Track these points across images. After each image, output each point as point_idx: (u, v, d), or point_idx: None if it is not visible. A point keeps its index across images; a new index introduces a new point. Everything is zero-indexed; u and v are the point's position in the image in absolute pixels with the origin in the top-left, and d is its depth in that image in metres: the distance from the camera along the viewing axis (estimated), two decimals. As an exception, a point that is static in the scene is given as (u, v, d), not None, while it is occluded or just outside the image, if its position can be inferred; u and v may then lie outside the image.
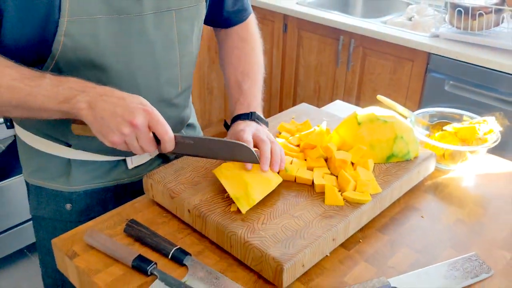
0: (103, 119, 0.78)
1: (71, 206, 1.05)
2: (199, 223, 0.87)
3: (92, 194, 1.05)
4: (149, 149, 0.83)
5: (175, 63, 0.99)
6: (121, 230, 0.90)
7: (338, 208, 0.88)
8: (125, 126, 0.78)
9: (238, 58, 1.12)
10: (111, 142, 0.80)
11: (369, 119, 1.01)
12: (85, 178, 1.04)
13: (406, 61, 2.11)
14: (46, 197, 1.06)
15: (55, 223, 1.07)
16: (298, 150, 1.03)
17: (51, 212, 1.06)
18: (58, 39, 0.84)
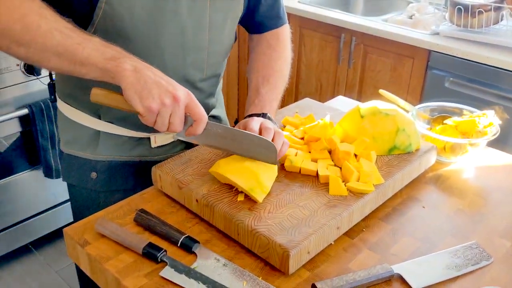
0: (146, 83, 0.80)
1: (96, 174, 1.11)
2: (207, 212, 0.90)
3: (116, 166, 1.11)
4: (177, 127, 0.84)
5: (203, 47, 1.03)
6: (131, 219, 0.92)
7: (342, 198, 0.90)
8: (167, 97, 0.80)
9: (263, 63, 1.14)
10: (146, 108, 0.80)
11: (371, 112, 1.04)
12: (111, 150, 1.10)
13: (406, 59, 2.13)
14: (76, 165, 1.12)
15: (82, 190, 1.14)
16: (303, 142, 1.05)
17: (78, 180, 1.13)
18: (99, 5, 0.89)
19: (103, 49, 0.82)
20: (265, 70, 1.13)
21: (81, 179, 1.13)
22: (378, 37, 2.17)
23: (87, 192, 1.13)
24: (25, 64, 1.89)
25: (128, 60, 0.81)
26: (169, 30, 0.96)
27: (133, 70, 0.80)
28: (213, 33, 1.03)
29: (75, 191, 1.17)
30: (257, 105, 1.07)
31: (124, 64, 0.80)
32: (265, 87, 1.10)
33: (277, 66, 1.14)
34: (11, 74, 1.88)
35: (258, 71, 1.13)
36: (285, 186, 0.94)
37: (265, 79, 1.11)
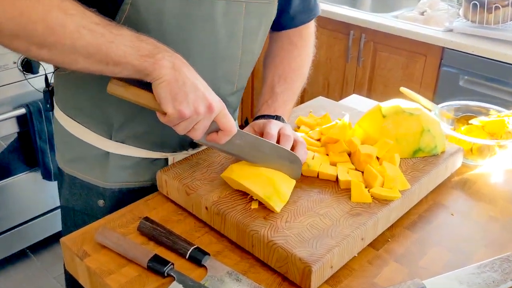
0: (184, 85, 0.73)
1: (103, 202, 1.01)
2: (218, 221, 0.82)
3: (126, 194, 1.00)
4: (199, 134, 0.78)
5: (236, 58, 0.94)
6: (135, 228, 0.84)
7: (366, 205, 0.83)
8: (202, 105, 0.74)
9: (281, 60, 1.05)
10: (178, 112, 0.73)
11: (394, 111, 0.96)
12: (122, 175, 0.99)
13: (418, 56, 2.06)
14: (79, 189, 1.02)
15: (85, 217, 1.03)
16: (319, 144, 0.98)
17: (82, 205, 1.02)
18: (123, 8, 0.79)
19: (138, 44, 0.72)
20: (282, 67, 1.03)
21: (86, 206, 1.02)
22: (389, 34, 2.09)
23: (93, 219, 0.98)
24: (22, 61, 1.81)
25: (167, 56, 0.73)
26: (201, 38, 0.86)
27: (172, 67, 0.72)
28: (246, 41, 0.93)
29: (75, 216, 1.04)
30: (270, 106, 0.98)
31: (162, 61, 0.72)
32: (281, 87, 1.01)
33: (296, 64, 1.05)
34: (8, 72, 1.80)
35: (275, 68, 1.04)
36: (303, 192, 0.86)
37: (282, 77, 1.02)
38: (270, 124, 0.88)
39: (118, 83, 0.77)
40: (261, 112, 0.97)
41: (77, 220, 1.05)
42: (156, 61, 0.72)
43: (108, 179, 0.99)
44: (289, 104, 1.00)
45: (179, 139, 0.98)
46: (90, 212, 1.02)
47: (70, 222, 1.07)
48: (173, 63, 0.73)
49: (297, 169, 0.85)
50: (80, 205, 1.03)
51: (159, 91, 0.73)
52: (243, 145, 0.84)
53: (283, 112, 0.97)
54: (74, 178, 1.02)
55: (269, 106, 0.98)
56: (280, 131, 0.87)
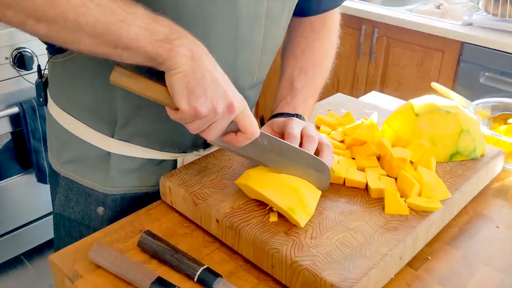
0: (204, 79, 0.62)
1: (103, 210, 0.89)
2: (231, 236, 0.71)
3: (130, 201, 0.88)
4: (214, 136, 0.68)
5: (257, 45, 0.82)
6: (134, 243, 0.73)
7: (402, 218, 0.71)
8: (222, 104, 0.64)
9: (302, 50, 0.93)
10: (193, 108, 0.63)
11: (428, 109, 0.85)
12: (125, 179, 0.87)
13: (435, 52, 1.94)
14: (77, 194, 0.90)
15: (82, 228, 0.91)
16: (344, 146, 0.86)
17: (79, 214, 0.90)
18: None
19: (153, 26, 0.61)
20: (303, 60, 0.91)
21: (83, 215, 0.90)
22: (404, 29, 1.98)
23: (90, 231, 0.88)
24: (15, 57, 1.69)
25: (185, 42, 0.62)
26: (221, 19, 0.75)
27: (190, 56, 0.62)
28: (269, 25, 0.82)
29: (71, 226, 0.92)
30: (289, 103, 0.86)
31: (180, 48, 0.61)
32: (301, 81, 0.89)
33: (318, 56, 0.93)
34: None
35: (295, 60, 0.92)
36: (328, 202, 0.75)
37: (302, 71, 0.90)
38: (291, 123, 0.76)
39: (123, 72, 0.65)
40: (279, 110, 0.86)
41: (72, 231, 0.93)
42: (172, 47, 0.61)
43: (109, 183, 0.87)
44: (310, 101, 0.88)
45: (192, 138, 0.86)
46: (87, 223, 0.90)
47: (64, 233, 0.95)
48: (192, 52, 0.62)
49: (325, 180, 0.74)
50: (77, 214, 0.91)
51: (173, 82, 0.62)
52: (264, 149, 0.73)
53: (304, 110, 0.86)
54: (71, 182, 0.90)
55: (288, 103, 0.86)
56: (303, 131, 0.76)
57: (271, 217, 0.71)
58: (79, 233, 0.91)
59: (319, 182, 0.73)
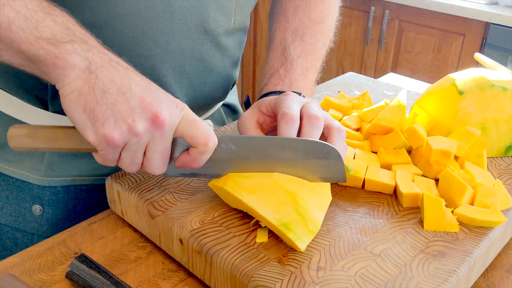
0: (106, 94, 0.45)
1: (41, 209, 0.67)
2: (200, 264, 0.48)
3: (76, 194, 0.68)
4: (155, 165, 0.48)
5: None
6: (63, 273, 0.51)
7: (450, 236, 0.49)
8: (141, 119, 0.45)
9: (295, 7, 0.71)
10: (103, 137, 0.45)
11: (477, 85, 0.62)
12: (68, 165, 0.66)
13: (455, 36, 1.73)
14: (5, 190, 0.69)
15: (16, 234, 0.70)
16: (361, 136, 0.64)
17: (10, 216, 0.69)
18: None
19: (41, 16, 0.45)
20: (297, 19, 0.69)
21: (15, 217, 0.69)
22: (419, 9, 1.77)
23: (24, 236, 0.69)
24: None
25: (80, 47, 0.46)
26: None
27: (86, 68, 0.45)
28: None
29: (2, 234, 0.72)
30: (283, 78, 0.64)
31: (72, 55, 0.45)
32: (297, 48, 0.67)
33: (318, 13, 0.70)
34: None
35: (286, 21, 0.70)
36: (342, 213, 0.52)
37: (298, 34, 0.68)
38: (286, 100, 0.53)
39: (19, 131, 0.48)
40: (270, 87, 0.63)
41: (4, 240, 0.72)
42: (60, 53, 0.45)
43: (46, 172, 0.66)
44: (310, 74, 0.66)
45: None
46: (22, 227, 0.69)
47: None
48: (88, 61, 0.45)
49: (337, 169, 0.50)
50: (7, 216, 0.69)
51: (67, 107, 0.45)
52: (237, 157, 0.50)
53: (302, 85, 0.64)
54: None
55: (281, 77, 0.64)
56: (303, 110, 0.53)
57: (259, 236, 0.48)
58: (14, 242, 0.71)
59: (330, 173, 0.50)
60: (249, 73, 2.52)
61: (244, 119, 0.57)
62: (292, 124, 0.50)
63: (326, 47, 0.71)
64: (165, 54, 0.61)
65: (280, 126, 0.51)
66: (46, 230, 0.68)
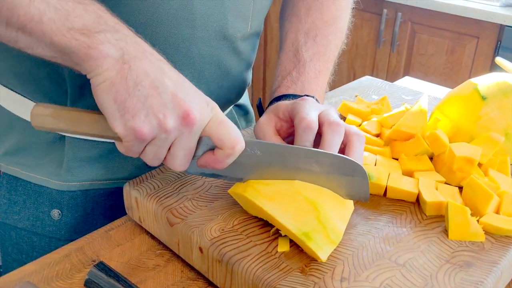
0: (138, 86, 0.44)
1: (60, 213, 0.67)
2: (220, 273, 0.48)
3: (94, 198, 0.67)
4: (178, 162, 0.48)
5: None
6: (81, 281, 0.50)
7: (476, 246, 0.48)
8: (172, 115, 0.45)
9: (307, 8, 0.70)
10: (131, 129, 0.45)
11: (500, 90, 0.61)
12: (86, 170, 0.66)
13: (468, 38, 1.71)
14: (23, 195, 0.68)
15: (34, 238, 0.69)
16: (382, 142, 0.63)
17: (28, 221, 0.69)
18: None
19: (72, 6, 0.44)
20: (310, 20, 0.68)
21: (33, 221, 0.69)
22: (432, 12, 1.75)
23: (41, 240, 0.69)
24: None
25: (112, 37, 0.45)
26: None
27: (120, 58, 0.45)
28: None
29: (18, 237, 0.71)
30: (295, 80, 0.63)
31: (105, 45, 0.44)
32: (309, 50, 0.66)
33: (330, 14, 0.70)
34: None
35: (299, 21, 0.69)
36: (364, 222, 0.51)
37: (310, 36, 0.67)
38: (304, 106, 0.52)
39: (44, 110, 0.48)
40: (282, 90, 0.62)
41: (21, 244, 0.71)
42: (92, 43, 0.44)
43: (64, 177, 0.65)
44: (322, 77, 0.65)
45: None
46: (40, 230, 0.68)
47: (11, 248, 0.73)
48: (122, 51, 0.45)
49: (362, 186, 0.49)
50: (25, 220, 0.69)
51: (98, 96, 0.45)
52: (260, 163, 0.49)
53: (315, 89, 0.62)
54: (14, 180, 0.68)
55: (294, 80, 0.63)
56: (322, 116, 0.52)
57: (280, 245, 0.48)
58: (31, 245, 0.70)
59: (353, 190, 0.49)
60: (259, 74, 2.51)
61: (262, 125, 0.56)
62: (309, 131, 0.49)
63: (339, 49, 0.70)
64: (185, 60, 0.61)
65: (298, 133, 0.50)
66: (64, 233, 0.68)
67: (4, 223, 0.72)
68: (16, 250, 0.73)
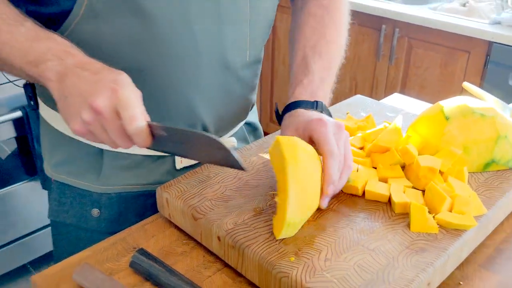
0: (67, 98, 0.58)
1: (99, 212, 0.83)
2: (234, 256, 0.62)
3: (127, 199, 0.83)
4: (122, 143, 0.60)
5: (244, 18, 0.76)
6: (127, 263, 0.65)
7: (431, 237, 0.62)
8: (85, 111, 0.57)
9: (312, 29, 0.84)
10: (74, 131, 0.60)
11: (460, 112, 0.75)
12: (120, 177, 0.81)
13: (460, 53, 1.83)
14: (70, 197, 0.84)
15: (79, 232, 0.85)
16: (364, 154, 0.77)
17: (74, 218, 0.85)
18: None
19: (28, 45, 0.61)
20: (315, 38, 0.83)
21: (79, 218, 0.84)
22: (427, 28, 1.88)
23: (88, 234, 0.85)
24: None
25: (54, 63, 0.59)
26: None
27: (57, 80, 0.59)
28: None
29: (67, 232, 0.87)
30: (306, 87, 0.77)
31: (47, 72, 0.59)
32: (317, 63, 0.80)
33: (331, 34, 0.84)
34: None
35: (305, 39, 0.83)
36: (345, 218, 0.66)
37: (316, 51, 0.82)
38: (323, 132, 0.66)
39: None
40: (296, 96, 0.76)
41: (70, 238, 0.87)
42: (40, 72, 0.60)
43: (103, 182, 0.81)
44: (327, 86, 0.80)
45: None
46: (84, 225, 0.84)
47: (62, 241, 0.89)
48: (59, 74, 0.59)
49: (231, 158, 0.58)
50: (72, 217, 0.85)
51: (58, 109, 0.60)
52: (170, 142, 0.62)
53: (323, 96, 0.77)
54: (63, 185, 0.84)
55: (305, 87, 0.77)
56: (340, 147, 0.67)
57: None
58: (76, 237, 0.86)
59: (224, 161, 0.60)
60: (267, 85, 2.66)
61: None
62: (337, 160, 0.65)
63: (339, 63, 0.85)
64: (196, 87, 0.76)
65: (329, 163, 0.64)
66: (103, 227, 0.83)
67: (55, 221, 0.88)
68: (65, 242, 0.88)
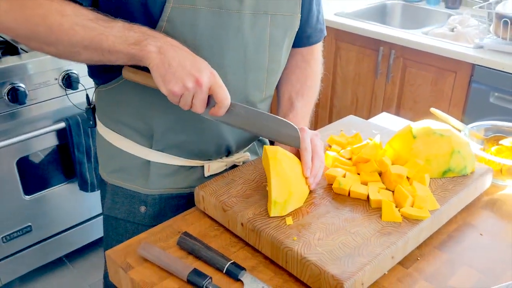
0: (170, 66, 0.79)
1: (145, 208, 1.06)
2: (253, 237, 0.86)
3: (167, 200, 1.06)
4: (199, 109, 0.84)
5: (264, 67, 1.01)
6: (174, 242, 0.89)
7: (396, 224, 0.85)
8: (190, 81, 0.80)
9: (297, 78, 1.12)
10: (169, 91, 0.80)
11: (425, 132, 0.99)
12: (163, 182, 1.05)
13: (448, 73, 2.06)
14: (122, 197, 1.07)
15: (127, 224, 1.09)
16: (351, 163, 1.01)
17: (125, 213, 1.08)
18: (160, 24, 0.86)
19: (127, 33, 0.81)
20: (299, 84, 1.10)
21: (128, 213, 1.07)
22: (419, 51, 2.11)
23: (134, 226, 1.07)
24: (63, 78, 1.89)
25: (152, 41, 0.80)
26: (232, 47, 0.93)
27: (158, 51, 0.79)
28: (273, 50, 1.00)
29: (118, 225, 1.10)
30: (291, 120, 1.04)
31: (148, 46, 0.79)
32: (300, 102, 1.08)
33: (311, 81, 1.12)
34: (49, 88, 1.88)
35: (291, 86, 1.11)
36: (335, 210, 0.89)
37: (299, 94, 1.09)
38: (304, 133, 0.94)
39: (130, 69, 0.89)
40: None
41: (119, 229, 1.11)
42: (142, 47, 0.79)
43: (149, 186, 1.05)
44: (307, 119, 1.07)
45: (215, 148, 1.04)
46: (132, 219, 1.08)
47: (112, 231, 1.13)
48: (159, 47, 0.79)
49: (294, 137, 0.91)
50: (123, 213, 1.08)
51: (152, 74, 0.80)
52: (242, 117, 0.89)
53: (304, 126, 1.01)
54: (117, 188, 1.08)
55: (290, 120, 1.03)
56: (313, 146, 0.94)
57: (287, 220, 0.86)
58: (125, 229, 1.09)
59: (290, 139, 0.91)
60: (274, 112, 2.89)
61: None
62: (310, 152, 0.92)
63: (315, 99, 1.13)
64: None
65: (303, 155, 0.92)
66: (148, 221, 1.07)
67: (109, 215, 1.11)
68: (115, 233, 1.12)
